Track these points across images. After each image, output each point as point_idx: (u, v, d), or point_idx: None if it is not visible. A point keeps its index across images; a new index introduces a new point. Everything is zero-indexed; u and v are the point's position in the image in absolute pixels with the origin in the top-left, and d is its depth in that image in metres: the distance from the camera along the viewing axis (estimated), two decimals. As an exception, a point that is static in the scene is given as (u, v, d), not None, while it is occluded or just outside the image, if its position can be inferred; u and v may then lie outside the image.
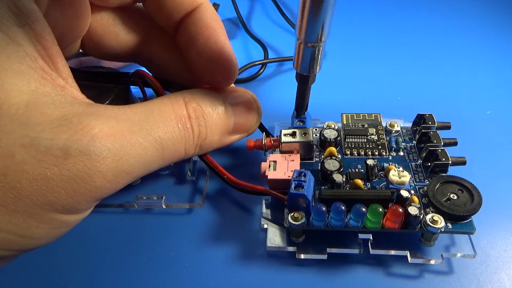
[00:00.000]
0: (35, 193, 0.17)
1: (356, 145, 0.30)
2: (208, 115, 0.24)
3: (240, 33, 0.51)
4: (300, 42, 0.24)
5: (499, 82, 0.41)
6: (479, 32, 0.49)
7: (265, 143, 0.30)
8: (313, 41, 0.23)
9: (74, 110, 0.18)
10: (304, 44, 0.24)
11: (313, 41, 0.23)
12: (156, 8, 0.25)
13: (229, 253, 0.27)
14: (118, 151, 0.19)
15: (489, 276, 0.25)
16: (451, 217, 0.24)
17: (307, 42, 0.24)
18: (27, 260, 0.27)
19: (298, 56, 0.25)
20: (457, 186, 0.26)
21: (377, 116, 0.32)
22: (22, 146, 0.17)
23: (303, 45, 0.24)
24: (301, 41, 0.24)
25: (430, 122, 0.30)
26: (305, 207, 0.25)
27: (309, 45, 0.24)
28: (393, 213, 0.24)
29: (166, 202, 0.29)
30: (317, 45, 0.24)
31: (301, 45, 0.24)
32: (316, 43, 0.23)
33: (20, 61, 0.17)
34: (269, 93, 0.41)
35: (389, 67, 0.44)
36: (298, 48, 0.25)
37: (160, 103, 0.23)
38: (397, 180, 0.25)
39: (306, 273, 0.26)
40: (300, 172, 0.26)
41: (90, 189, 0.18)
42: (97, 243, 0.28)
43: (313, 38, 0.23)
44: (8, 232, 0.17)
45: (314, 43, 0.23)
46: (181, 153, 0.23)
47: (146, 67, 0.30)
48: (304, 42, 0.24)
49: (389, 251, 0.25)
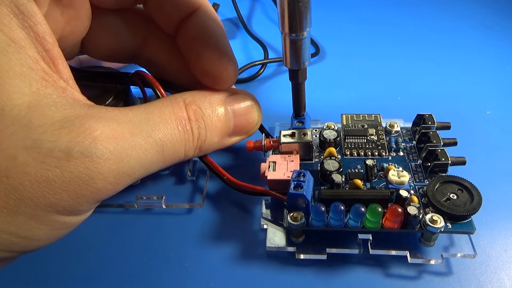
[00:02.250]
0: (37, 195, 0.17)
1: (356, 146, 0.30)
2: (208, 117, 0.24)
3: (240, 33, 0.51)
4: (284, 35, 0.24)
5: (499, 82, 0.41)
6: (479, 32, 0.49)
7: (264, 144, 0.30)
8: (296, 31, 0.24)
9: (75, 112, 0.18)
10: (289, 36, 0.24)
11: (296, 31, 0.24)
12: (156, 9, 0.26)
13: (229, 253, 0.27)
14: (119, 153, 0.19)
15: (489, 276, 0.25)
16: (451, 217, 0.24)
17: (290, 33, 0.24)
18: (27, 260, 0.27)
19: (285, 50, 0.25)
20: (456, 186, 0.26)
21: (377, 117, 0.32)
22: (24, 148, 0.17)
23: (287, 37, 0.24)
24: (285, 33, 0.24)
25: (430, 122, 0.30)
26: (305, 207, 0.25)
27: (293, 34, 0.24)
28: (392, 213, 0.24)
29: (166, 202, 0.30)
30: (300, 34, 0.24)
31: (286, 38, 0.25)
32: (299, 32, 0.24)
33: (21, 63, 0.17)
34: (269, 93, 0.41)
35: (389, 67, 0.44)
36: (284, 42, 0.25)
37: (161, 105, 0.23)
38: (397, 180, 0.25)
39: (305, 273, 0.26)
40: (299, 172, 0.26)
41: (92, 191, 0.18)
42: (97, 243, 0.28)
43: (296, 28, 0.24)
44: (10, 233, 0.17)
45: (297, 32, 0.24)
46: (181, 155, 0.24)
47: (146, 68, 0.30)
48: (287, 33, 0.24)
49: (388, 251, 0.26)
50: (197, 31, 0.25)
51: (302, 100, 0.29)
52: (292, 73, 0.27)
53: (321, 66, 0.45)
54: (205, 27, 0.25)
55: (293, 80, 0.28)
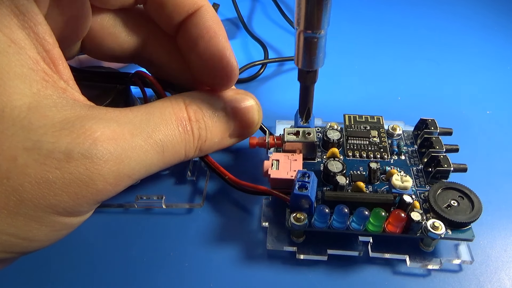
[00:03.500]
0: (38, 196, 0.17)
1: (358, 147, 0.30)
2: (209, 117, 0.24)
3: (240, 33, 0.51)
4: (299, 32, 0.23)
5: (499, 82, 0.41)
6: (479, 32, 0.49)
7: (268, 141, 0.30)
8: (314, 28, 0.22)
9: (76, 113, 0.18)
10: (304, 33, 0.22)
11: (313, 28, 0.22)
12: (156, 10, 0.25)
13: (229, 253, 0.27)
14: (120, 154, 0.19)
15: (489, 276, 0.25)
16: (451, 224, 0.25)
17: (306, 29, 0.22)
18: (27, 260, 0.27)
19: (299, 48, 0.24)
20: (457, 192, 0.26)
21: (379, 119, 0.32)
22: (25, 149, 0.17)
23: (302, 34, 0.23)
24: (300, 29, 0.22)
25: (432, 128, 0.30)
26: (308, 208, 0.25)
27: (309, 31, 0.22)
28: (395, 218, 0.24)
29: (166, 202, 0.30)
30: (318, 32, 0.22)
31: (300, 35, 0.23)
32: (317, 29, 0.22)
33: (22, 64, 0.17)
34: (269, 93, 0.41)
35: (389, 67, 0.44)
36: (298, 40, 0.23)
37: (161, 106, 0.23)
38: (400, 184, 0.25)
39: (306, 273, 0.26)
40: (304, 173, 0.25)
41: (92, 192, 0.18)
42: (97, 243, 0.28)
43: (313, 25, 0.22)
44: (10, 234, 0.17)
45: (315, 30, 0.22)
46: (181, 155, 0.24)
47: (146, 68, 0.30)
48: (303, 30, 0.22)
49: (388, 254, 0.26)
50: (198, 32, 0.25)
51: (309, 103, 0.28)
52: (301, 73, 0.26)
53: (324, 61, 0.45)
54: (206, 28, 0.25)
55: (302, 82, 0.27)
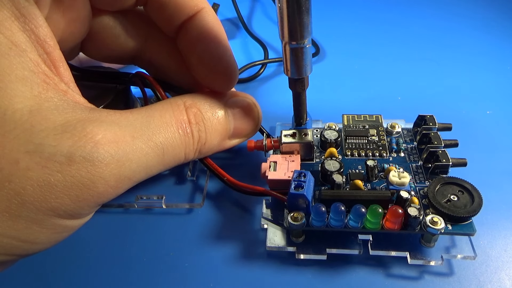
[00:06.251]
0: (39, 199, 0.17)
1: (356, 146, 0.30)
2: (208, 120, 0.25)
3: (240, 33, 0.51)
4: (285, 43, 0.24)
5: (499, 82, 0.41)
6: (479, 32, 0.49)
7: (265, 144, 0.30)
8: (297, 39, 0.23)
9: (77, 115, 0.19)
10: (289, 44, 0.24)
11: (296, 39, 0.23)
12: (157, 11, 0.25)
13: (229, 253, 0.27)
14: (121, 157, 0.19)
15: (489, 276, 0.25)
16: (451, 219, 0.25)
17: (291, 41, 0.23)
18: (27, 260, 0.27)
19: (286, 58, 0.25)
20: (457, 187, 0.26)
21: (378, 117, 0.32)
22: (27, 152, 0.17)
23: (288, 46, 0.24)
24: (285, 41, 0.24)
25: (431, 123, 0.30)
26: (305, 207, 0.25)
27: (293, 43, 0.23)
28: (392, 214, 0.24)
29: (166, 202, 0.30)
30: (302, 42, 0.24)
31: (286, 46, 0.24)
32: (300, 40, 0.23)
33: (23, 66, 0.17)
34: (269, 93, 0.41)
35: (389, 67, 0.44)
36: (285, 51, 0.25)
37: (161, 108, 0.23)
38: (397, 181, 0.25)
39: (305, 273, 0.26)
40: (300, 173, 0.26)
41: (93, 195, 0.18)
42: (97, 243, 0.28)
43: (297, 36, 0.23)
44: (11, 237, 0.17)
45: (298, 41, 0.23)
46: (181, 157, 0.24)
47: (146, 69, 0.30)
48: (288, 42, 0.24)
49: (389, 252, 0.26)
50: (198, 34, 0.25)
51: (303, 108, 0.29)
52: (292, 81, 0.27)
53: (321, 66, 0.45)
54: (206, 30, 0.25)
55: (293, 89, 0.27)
